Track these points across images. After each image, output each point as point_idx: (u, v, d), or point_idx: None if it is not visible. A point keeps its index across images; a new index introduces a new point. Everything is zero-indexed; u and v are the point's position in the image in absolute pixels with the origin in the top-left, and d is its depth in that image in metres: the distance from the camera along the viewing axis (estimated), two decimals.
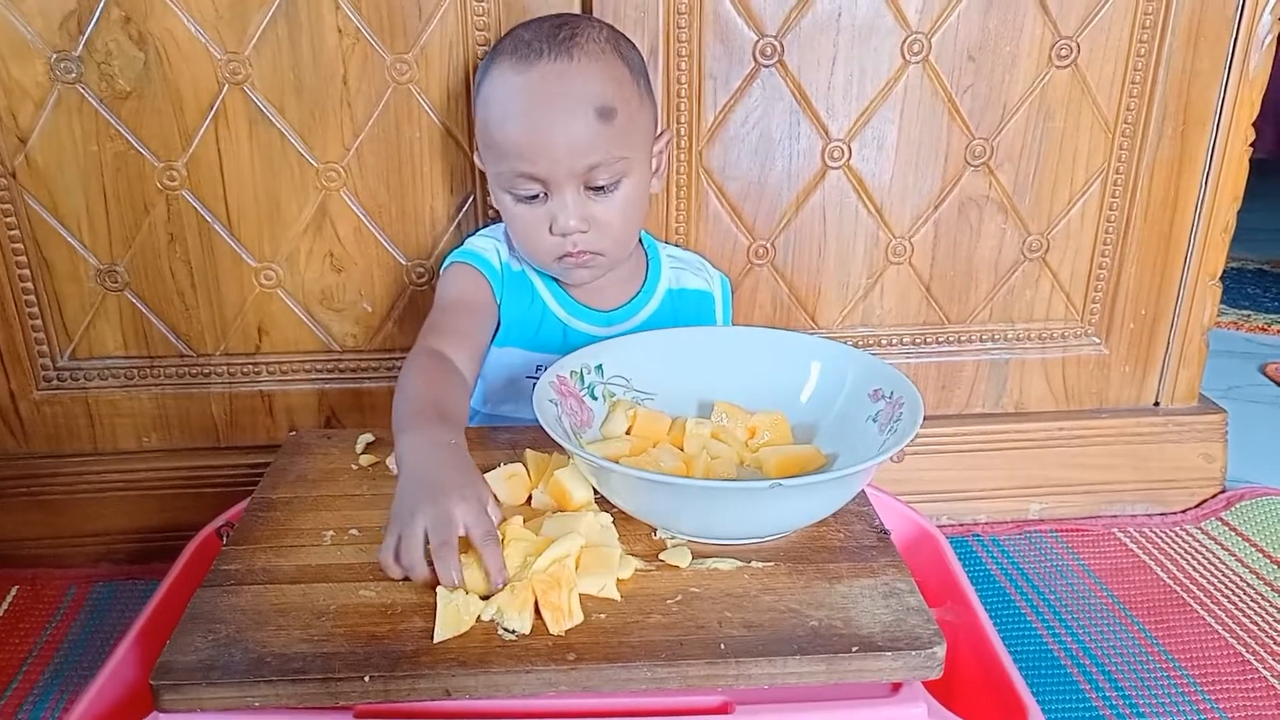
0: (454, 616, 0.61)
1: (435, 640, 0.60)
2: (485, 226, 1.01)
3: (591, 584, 0.64)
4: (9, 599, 1.04)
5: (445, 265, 0.95)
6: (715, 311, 1.02)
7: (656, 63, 0.98)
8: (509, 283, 0.95)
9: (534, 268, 0.95)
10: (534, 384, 0.95)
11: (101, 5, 0.91)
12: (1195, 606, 1.04)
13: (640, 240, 0.99)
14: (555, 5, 0.96)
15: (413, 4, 0.94)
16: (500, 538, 0.65)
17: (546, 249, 0.88)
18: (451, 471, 0.68)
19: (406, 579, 0.65)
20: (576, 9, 0.96)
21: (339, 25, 0.94)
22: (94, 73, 0.93)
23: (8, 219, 0.98)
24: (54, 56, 0.92)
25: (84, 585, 1.07)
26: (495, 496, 0.69)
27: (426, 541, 0.64)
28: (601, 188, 0.85)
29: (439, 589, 0.62)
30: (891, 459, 0.69)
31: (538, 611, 0.61)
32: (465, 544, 0.64)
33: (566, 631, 0.61)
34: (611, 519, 0.70)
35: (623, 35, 0.90)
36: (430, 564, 0.63)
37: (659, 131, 0.93)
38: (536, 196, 0.86)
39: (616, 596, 0.64)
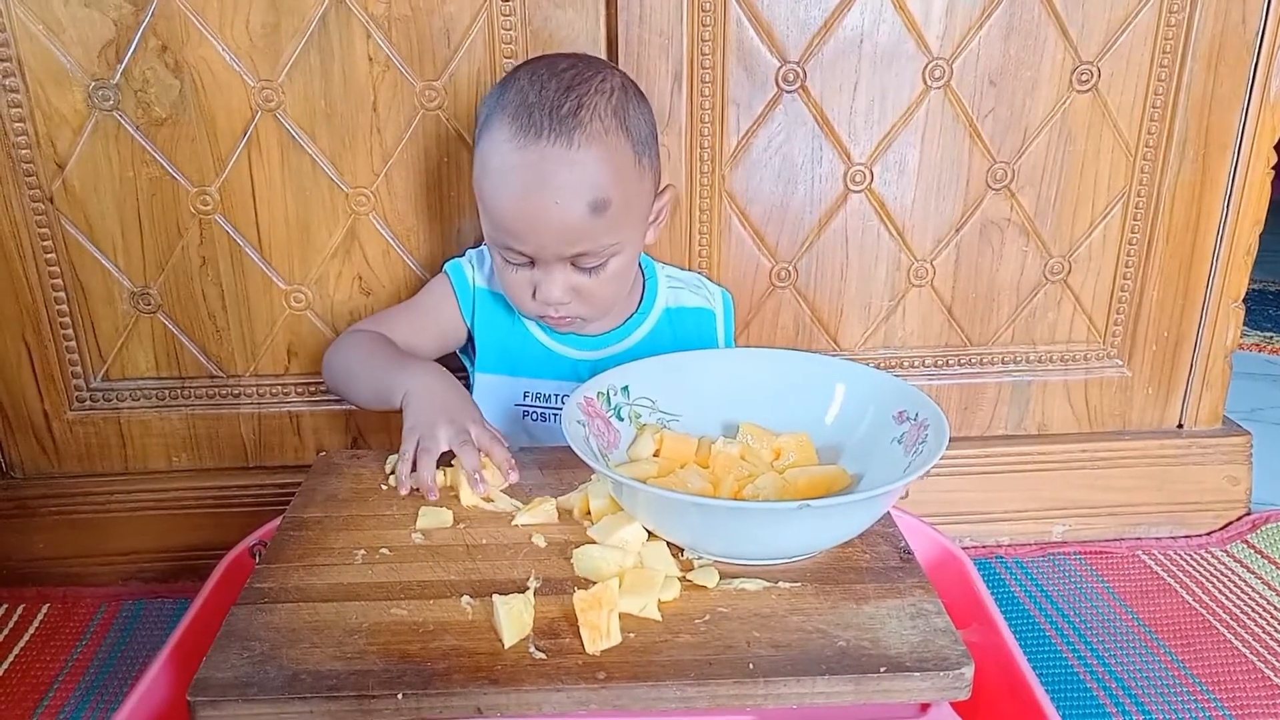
0: (517, 619, 0.62)
1: (506, 646, 0.61)
2: None
3: (633, 604, 0.64)
4: (40, 617, 1.06)
5: (444, 268, 0.98)
6: (716, 328, 1.02)
7: (680, 89, 1.00)
8: (482, 305, 0.95)
9: None
10: (523, 412, 0.96)
11: (139, 34, 0.93)
12: (1221, 629, 1.04)
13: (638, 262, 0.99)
14: (581, 37, 0.97)
15: (442, 33, 0.96)
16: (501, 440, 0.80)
17: (529, 307, 0.90)
18: (457, 398, 0.83)
19: (413, 491, 0.78)
20: (602, 40, 0.98)
21: (369, 53, 0.96)
22: (131, 100, 0.95)
23: (45, 243, 1.00)
24: (92, 84, 0.95)
25: (114, 604, 1.08)
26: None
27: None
28: (589, 267, 0.87)
29: (494, 597, 0.63)
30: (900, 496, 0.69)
31: (575, 631, 0.62)
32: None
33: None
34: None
35: (634, 93, 0.87)
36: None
37: (661, 188, 0.92)
38: (523, 264, 0.88)
39: (657, 617, 0.64)
